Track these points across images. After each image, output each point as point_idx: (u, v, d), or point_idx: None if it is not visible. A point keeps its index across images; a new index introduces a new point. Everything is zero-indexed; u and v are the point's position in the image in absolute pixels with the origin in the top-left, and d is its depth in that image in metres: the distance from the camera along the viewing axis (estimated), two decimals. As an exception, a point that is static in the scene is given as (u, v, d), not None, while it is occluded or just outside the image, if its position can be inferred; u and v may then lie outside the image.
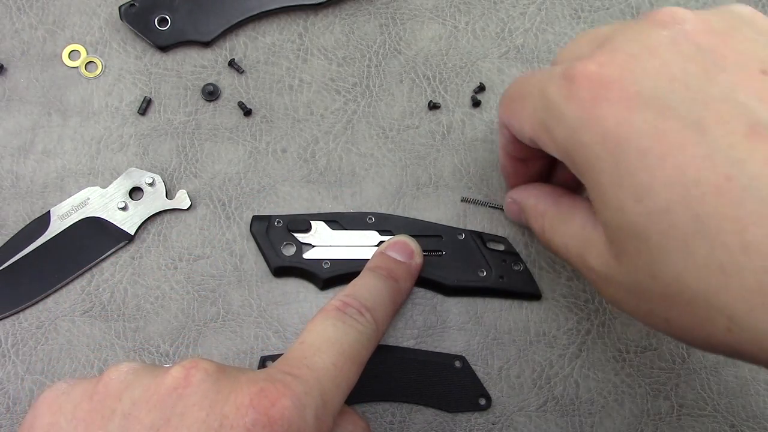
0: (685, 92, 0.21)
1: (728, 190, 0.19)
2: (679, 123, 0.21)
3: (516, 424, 0.35)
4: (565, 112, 0.24)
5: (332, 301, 0.29)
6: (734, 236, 0.19)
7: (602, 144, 0.22)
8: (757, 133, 0.20)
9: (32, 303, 0.36)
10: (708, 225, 0.20)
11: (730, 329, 0.20)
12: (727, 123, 0.20)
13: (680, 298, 0.21)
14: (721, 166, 0.20)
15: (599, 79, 0.23)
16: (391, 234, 0.36)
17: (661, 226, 0.21)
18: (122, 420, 0.22)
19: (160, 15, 0.39)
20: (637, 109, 0.22)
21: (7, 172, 0.38)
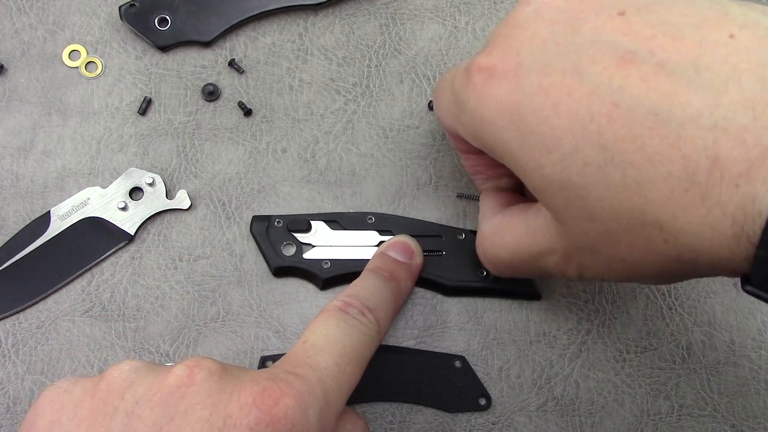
0: (558, 48, 0.24)
1: (618, 114, 0.21)
2: (559, 75, 0.23)
3: (516, 424, 0.35)
4: (466, 99, 0.26)
5: (334, 301, 0.30)
6: (637, 153, 0.21)
7: (501, 116, 0.25)
8: (627, 60, 0.22)
9: (32, 303, 0.36)
10: (613, 150, 0.21)
11: (666, 240, 0.21)
12: (600, 60, 0.22)
13: (621, 229, 0.23)
14: (606, 96, 0.22)
15: (487, 63, 0.26)
16: (391, 234, 0.36)
17: (576, 167, 0.22)
18: (125, 418, 0.22)
19: (160, 15, 0.39)
20: (522, 75, 0.24)
21: (7, 172, 0.38)
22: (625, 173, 0.21)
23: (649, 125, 0.21)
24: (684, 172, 0.20)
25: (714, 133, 0.20)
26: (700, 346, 0.36)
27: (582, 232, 0.24)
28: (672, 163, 0.20)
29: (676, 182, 0.20)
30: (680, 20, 0.22)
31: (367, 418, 0.35)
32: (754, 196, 0.19)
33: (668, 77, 0.21)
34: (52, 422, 0.23)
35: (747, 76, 0.20)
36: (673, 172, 0.20)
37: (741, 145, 0.19)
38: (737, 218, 0.19)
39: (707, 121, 0.20)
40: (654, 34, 0.22)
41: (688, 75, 0.21)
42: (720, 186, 0.20)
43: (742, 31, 0.21)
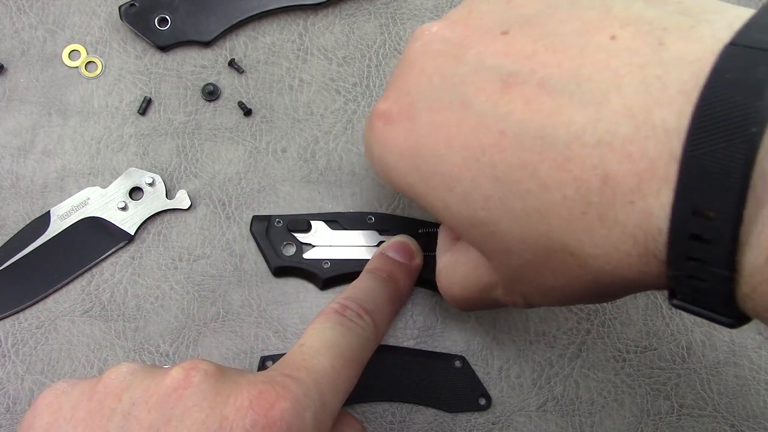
0: (445, 82, 0.23)
1: (506, 143, 0.21)
2: (448, 110, 0.22)
3: (516, 424, 0.35)
4: (372, 148, 0.26)
5: (332, 303, 0.30)
6: (531, 180, 0.20)
7: (402, 160, 0.24)
8: (510, 84, 0.21)
9: (32, 303, 0.36)
10: (508, 181, 0.21)
11: (580, 265, 0.21)
12: (484, 89, 0.22)
13: (538, 257, 0.22)
14: (493, 125, 0.21)
15: (384, 111, 0.25)
16: (391, 234, 0.36)
17: (480, 202, 0.22)
18: (122, 420, 0.22)
19: (160, 15, 0.39)
20: (416, 116, 0.23)
21: (7, 172, 0.38)
22: (524, 202, 0.20)
23: (537, 150, 0.20)
24: (577, 193, 0.19)
25: (599, 149, 0.19)
26: (700, 346, 0.36)
27: (506, 265, 0.23)
28: (565, 187, 0.19)
29: (573, 205, 0.19)
30: (562, 29, 0.21)
31: (367, 418, 0.35)
32: (649, 212, 0.18)
33: (550, 95, 0.20)
34: (50, 423, 0.23)
35: (628, 81, 0.19)
36: (567, 195, 0.19)
37: (627, 158, 0.18)
38: (638, 237, 0.18)
39: (591, 138, 0.19)
40: (536, 50, 0.21)
41: (570, 90, 0.20)
42: (614, 205, 0.18)
43: (623, 29, 0.20)
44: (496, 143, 0.21)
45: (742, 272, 0.17)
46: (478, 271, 0.26)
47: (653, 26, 0.19)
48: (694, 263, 0.18)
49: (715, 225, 0.17)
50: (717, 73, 0.17)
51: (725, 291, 0.18)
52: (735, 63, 0.17)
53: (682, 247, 0.18)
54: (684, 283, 0.18)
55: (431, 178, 0.23)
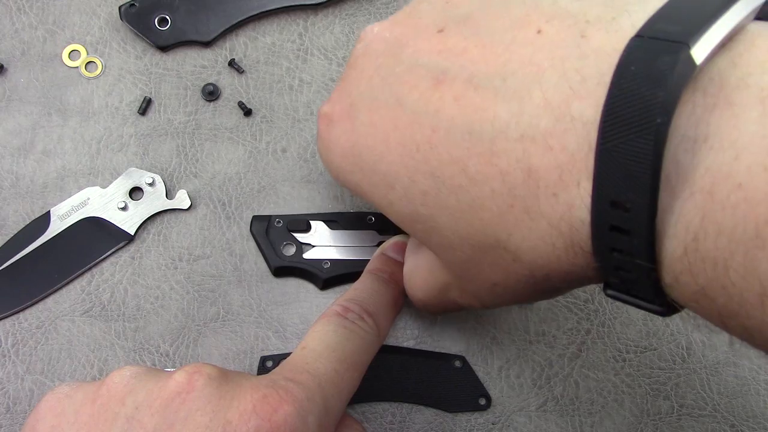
0: (382, 82, 0.23)
1: (437, 140, 0.21)
2: (384, 109, 0.23)
3: (516, 424, 0.35)
4: (319, 150, 0.27)
5: (333, 306, 0.29)
6: (461, 176, 0.20)
7: (345, 160, 0.24)
8: (440, 81, 0.21)
9: (32, 303, 0.36)
10: (442, 176, 0.21)
11: (514, 259, 0.21)
12: (417, 86, 0.22)
13: (477, 253, 0.22)
14: (425, 122, 0.21)
15: (327, 112, 0.26)
16: (391, 234, 0.36)
17: (418, 198, 0.22)
18: (125, 424, 0.22)
19: (160, 15, 0.39)
20: (355, 116, 0.24)
21: (7, 172, 0.38)
22: (458, 197, 0.21)
23: (465, 146, 0.20)
24: (504, 187, 0.19)
25: (522, 143, 0.19)
26: (700, 346, 0.36)
27: (451, 262, 0.24)
28: (493, 180, 0.20)
29: (501, 199, 0.20)
30: (493, 25, 0.21)
31: (367, 418, 0.35)
32: (571, 203, 0.18)
33: (477, 91, 0.20)
34: (53, 427, 0.23)
35: (549, 75, 0.19)
36: (495, 189, 0.20)
37: (548, 152, 0.18)
38: (563, 229, 0.19)
39: (514, 132, 0.19)
40: (466, 47, 0.21)
41: (495, 85, 0.20)
42: (538, 197, 0.19)
43: (549, 23, 0.20)
44: (428, 140, 0.21)
45: (663, 262, 0.17)
46: (434, 272, 0.26)
47: (577, 19, 0.20)
48: (618, 254, 0.18)
49: (631, 216, 0.17)
50: (623, 65, 0.17)
51: (650, 281, 0.18)
52: (639, 54, 0.17)
53: (604, 238, 0.18)
54: (612, 274, 0.19)
55: (372, 175, 0.23)
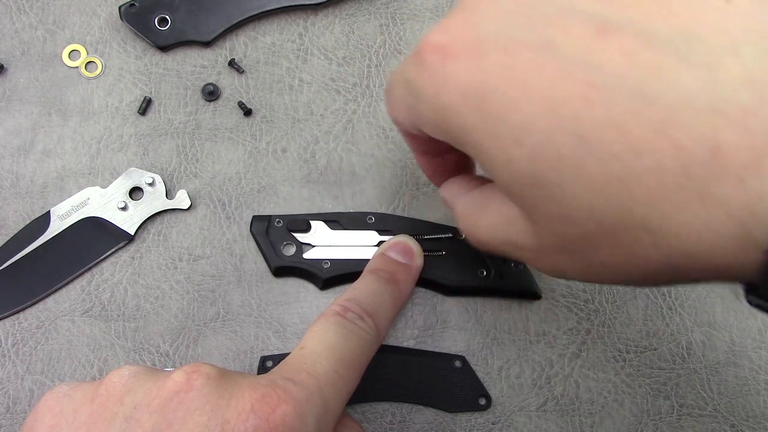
0: (525, 20, 0.20)
1: (595, 96, 0.18)
2: (528, 51, 0.20)
3: (516, 424, 0.35)
4: (421, 86, 0.23)
5: (333, 305, 0.29)
6: (620, 143, 0.18)
7: (464, 101, 0.21)
8: (605, 31, 0.19)
9: (32, 303, 0.36)
10: (590, 140, 0.18)
11: (656, 244, 0.18)
12: (573, 33, 0.19)
13: (602, 232, 0.20)
14: (582, 74, 0.18)
15: (441, 43, 0.22)
16: (391, 234, 0.36)
17: (551, 161, 0.19)
18: (123, 423, 0.22)
19: (160, 15, 0.39)
20: (485, 54, 0.21)
21: (7, 172, 0.38)
22: (605, 167, 0.18)
23: (632, 108, 0.17)
24: (676, 164, 0.17)
25: (711, 117, 0.16)
26: (700, 346, 0.36)
27: (555, 234, 0.21)
28: (662, 154, 0.17)
29: (668, 176, 0.17)
30: None
31: (367, 418, 0.35)
32: (762, 192, 0.16)
33: (653, 49, 0.18)
34: (52, 426, 0.23)
35: (746, 48, 0.17)
36: (663, 164, 0.17)
37: (745, 131, 0.16)
38: (743, 219, 0.16)
39: (702, 103, 0.17)
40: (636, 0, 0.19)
41: (677, 47, 0.17)
42: (721, 181, 0.16)
43: None
44: (584, 95, 0.18)
45: None
46: (509, 229, 0.24)
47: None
48: None
49: None
50: None
51: None
52: None
53: None
54: None
55: (497, 124, 0.20)
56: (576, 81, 0.18)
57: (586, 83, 0.18)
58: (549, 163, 0.19)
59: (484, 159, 0.22)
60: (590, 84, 0.18)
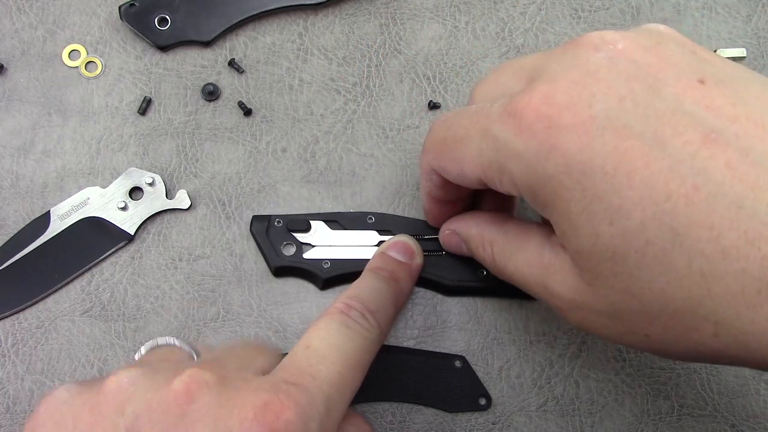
0: (637, 109, 0.22)
1: (698, 199, 0.20)
2: (638, 141, 0.21)
3: (516, 424, 0.35)
4: (520, 148, 0.23)
5: (336, 303, 0.29)
6: (711, 244, 0.20)
7: (567, 173, 0.22)
8: (712, 140, 0.20)
9: (32, 303, 0.36)
10: (684, 236, 0.20)
11: (717, 334, 0.20)
12: (683, 134, 0.21)
13: (663, 313, 0.22)
14: (688, 176, 0.20)
15: (548, 109, 0.23)
16: (391, 234, 0.36)
17: (637, 245, 0.21)
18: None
19: (160, 15, 0.39)
20: (596, 133, 0.22)
21: (7, 172, 0.38)
22: (691, 261, 0.20)
23: (729, 217, 0.19)
24: (760, 271, 0.19)
25: None
26: (700, 346, 0.36)
27: (611, 303, 0.23)
28: (748, 261, 0.19)
29: (749, 281, 0.19)
30: (760, 105, 0.21)
31: (367, 418, 0.35)
32: None
33: (753, 167, 0.20)
34: None
35: None
36: (747, 269, 0.19)
37: None
38: None
39: None
40: (737, 115, 0.21)
41: None
42: None
43: None
44: (686, 195, 0.20)
45: None
46: (548, 273, 0.26)
47: None
48: None
49: None
50: None
51: None
52: None
53: None
54: None
55: (594, 202, 0.22)
56: (681, 180, 0.20)
57: (691, 185, 0.20)
58: (636, 245, 0.21)
59: (566, 226, 0.23)
60: (694, 186, 0.20)
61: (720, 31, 0.40)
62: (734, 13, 0.41)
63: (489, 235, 0.30)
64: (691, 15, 0.41)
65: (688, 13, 0.41)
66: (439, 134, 0.29)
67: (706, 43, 0.40)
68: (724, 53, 0.40)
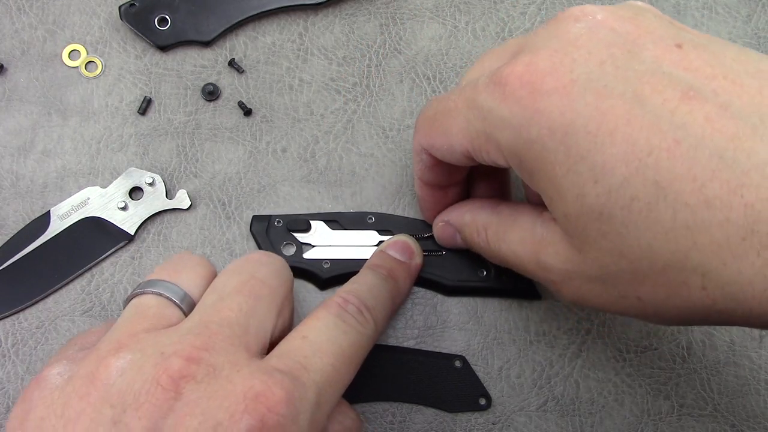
0: (617, 71, 0.22)
1: (679, 152, 0.20)
2: (619, 100, 0.22)
3: (516, 424, 0.35)
4: (505, 114, 0.24)
5: (334, 297, 0.29)
6: (694, 195, 0.20)
7: (551, 135, 0.23)
8: (690, 96, 0.21)
9: (32, 303, 0.36)
10: (667, 189, 0.21)
11: (705, 287, 0.21)
12: (662, 92, 0.21)
13: (652, 270, 0.22)
14: (668, 131, 0.21)
15: (531, 76, 0.24)
16: (391, 234, 0.36)
17: (623, 201, 0.22)
18: (111, 427, 0.22)
19: (160, 15, 0.39)
20: (577, 95, 0.23)
21: (7, 172, 0.38)
22: (676, 214, 0.20)
23: (711, 167, 0.20)
24: (744, 219, 0.19)
25: None
26: (700, 346, 0.36)
27: (601, 265, 0.23)
28: (731, 210, 0.20)
29: (734, 229, 0.20)
30: (736, 66, 0.22)
31: (367, 418, 0.35)
32: None
33: (732, 120, 0.20)
34: (42, 418, 0.23)
35: None
36: (731, 218, 0.20)
37: None
38: None
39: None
40: (714, 74, 0.21)
41: (753, 122, 0.20)
42: None
43: None
44: (668, 148, 0.21)
45: None
46: (541, 249, 0.26)
47: None
48: None
49: None
50: None
51: None
52: None
53: None
54: None
55: (579, 162, 0.22)
56: (662, 135, 0.21)
57: (672, 139, 0.21)
58: (621, 203, 0.22)
59: (552, 191, 0.24)
60: (675, 140, 0.21)
61: (720, 31, 0.40)
62: (734, 13, 0.41)
63: (482, 220, 0.31)
64: (691, 15, 0.41)
65: (688, 13, 0.41)
66: (429, 111, 0.29)
67: (706, 43, 0.40)
68: (724, 53, 0.40)
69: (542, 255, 0.26)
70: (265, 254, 0.30)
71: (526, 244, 0.27)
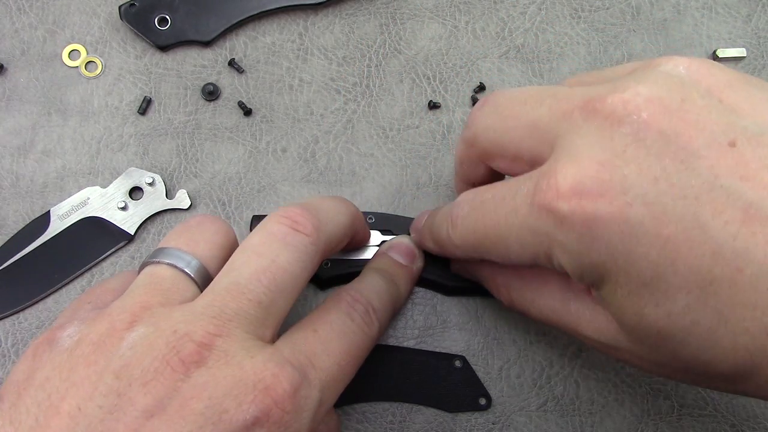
0: (673, 190, 0.21)
1: (741, 281, 0.20)
2: (679, 225, 0.21)
3: (516, 423, 0.35)
4: (562, 240, 0.23)
5: (344, 294, 0.29)
6: (755, 323, 0.20)
7: (612, 262, 0.22)
8: (750, 216, 0.20)
9: (32, 303, 0.36)
10: (728, 316, 0.21)
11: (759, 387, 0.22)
12: (722, 213, 0.20)
13: (700, 375, 0.23)
14: (730, 259, 0.20)
15: (581, 199, 0.22)
16: (392, 234, 0.36)
17: (683, 324, 0.22)
18: (116, 398, 0.22)
19: (160, 15, 0.39)
20: (636, 222, 0.21)
21: (7, 172, 0.38)
22: (736, 339, 0.21)
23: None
24: None
25: None
26: (700, 346, 0.36)
27: (656, 358, 0.24)
28: None
29: None
30: None
31: (367, 418, 0.35)
32: None
33: None
34: (47, 378, 0.23)
35: None
36: None
37: None
38: None
39: None
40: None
41: None
42: None
43: None
44: (730, 278, 0.20)
45: None
46: (593, 328, 0.26)
47: None
48: None
49: None
50: None
51: None
52: None
53: None
54: None
55: (640, 288, 0.22)
56: (725, 263, 0.20)
57: (734, 267, 0.20)
58: (681, 324, 0.22)
59: (613, 307, 0.24)
60: (738, 269, 0.20)
61: (720, 31, 0.40)
62: (734, 13, 0.41)
63: (502, 280, 0.31)
64: (691, 15, 0.41)
65: (688, 13, 0.41)
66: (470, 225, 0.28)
67: (706, 43, 0.40)
68: (724, 53, 0.40)
69: (582, 328, 0.26)
70: (290, 232, 0.27)
71: (561, 314, 0.27)
